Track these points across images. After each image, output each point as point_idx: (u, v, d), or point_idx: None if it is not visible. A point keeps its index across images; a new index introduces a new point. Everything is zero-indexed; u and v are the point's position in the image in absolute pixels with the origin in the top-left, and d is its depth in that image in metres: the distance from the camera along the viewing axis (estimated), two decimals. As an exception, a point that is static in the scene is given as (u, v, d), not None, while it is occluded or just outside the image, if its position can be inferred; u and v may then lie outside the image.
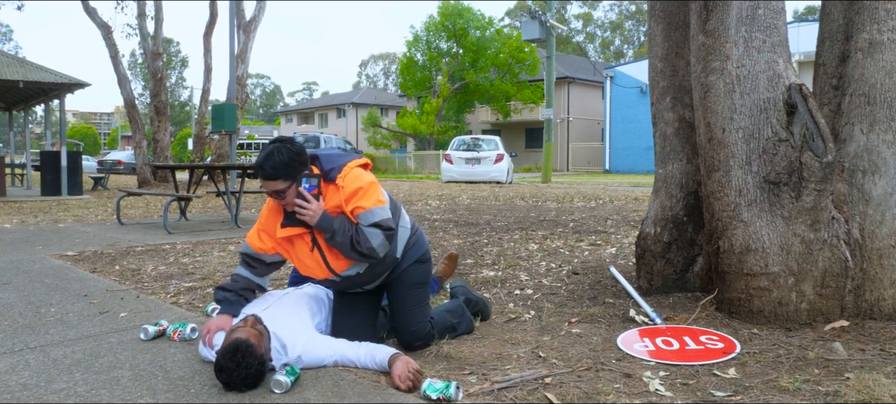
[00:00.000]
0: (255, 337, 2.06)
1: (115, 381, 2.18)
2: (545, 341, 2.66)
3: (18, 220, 7.82)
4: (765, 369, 2.26)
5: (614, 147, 29.48)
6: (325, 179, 2.33)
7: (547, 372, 2.26)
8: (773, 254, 2.64)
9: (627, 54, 60.96)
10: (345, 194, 2.29)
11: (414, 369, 2.10)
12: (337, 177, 2.31)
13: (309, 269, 2.43)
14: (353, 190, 2.29)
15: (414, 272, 2.53)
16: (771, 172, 2.64)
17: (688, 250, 3.22)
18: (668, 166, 3.31)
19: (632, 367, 2.32)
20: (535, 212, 8.53)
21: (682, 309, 3.03)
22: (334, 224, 2.29)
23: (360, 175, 2.34)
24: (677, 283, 3.24)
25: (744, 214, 2.70)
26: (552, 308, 3.19)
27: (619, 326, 2.85)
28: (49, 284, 3.85)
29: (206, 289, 3.73)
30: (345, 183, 2.30)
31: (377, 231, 2.30)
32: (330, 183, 2.33)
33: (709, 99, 2.80)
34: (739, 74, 2.70)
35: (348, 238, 2.29)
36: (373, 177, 2.39)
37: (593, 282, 3.76)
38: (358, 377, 2.19)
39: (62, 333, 2.77)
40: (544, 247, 5.27)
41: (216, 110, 12.45)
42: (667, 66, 3.36)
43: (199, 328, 2.64)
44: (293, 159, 2.24)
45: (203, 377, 2.20)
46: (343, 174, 2.32)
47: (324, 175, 2.34)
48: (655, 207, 3.32)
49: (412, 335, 2.48)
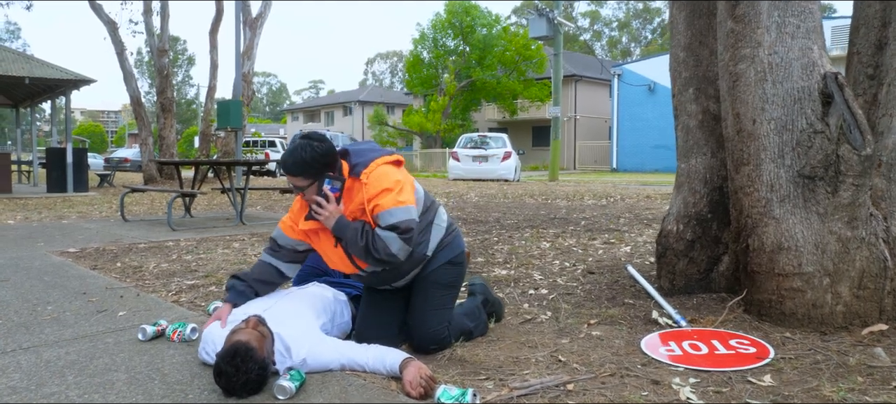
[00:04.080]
0: (257, 340, 1.92)
1: (109, 385, 2.05)
2: (564, 344, 2.51)
3: (22, 217, 7.73)
4: (803, 376, 2.10)
5: (622, 145, 29.22)
6: (351, 174, 2.24)
7: (568, 378, 2.12)
8: (807, 253, 2.49)
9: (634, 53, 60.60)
10: (367, 193, 2.19)
11: (426, 375, 1.96)
12: (362, 173, 2.21)
13: (334, 263, 2.37)
14: (376, 189, 2.19)
15: (443, 272, 2.40)
16: (805, 166, 2.48)
17: (712, 249, 3.07)
18: (692, 160, 3.15)
19: (659, 373, 2.17)
20: (545, 209, 8.37)
21: (707, 310, 2.88)
22: (347, 232, 2.21)
23: (386, 173, 2.22)
24: (701, 284, 3.08)
25: (776, 210, 2.54)
26: (569, 309, 3.04)
27: (641, 328, 2.70)
28: (48, 281, 3.73)
29: (208, 287, 3.60)
30: (369, 180, 2.20)
31: (393, 235, 2.18)
32: (355, 179, 2.22)
33: (738, 88, 2.64)
34: (772, 62, 2.55)
35: (362, 247, 2.19)
36: (401, 175, 2.27)
37: (610, 282, 3.60)
38: (367, 382, 2.05)
39: (57, 333, 2.64)
40: (556, 245, 5.12)
41: (222, 107, 12.34)
42: (689, 56, 3.20)
43: (200, 328, 2.50)
44: (317, 159, 2.18)
45: (202, 381, 2.07)
46: (369, 170, 2.21)
47: (350, 169, 2.24)
48: (678, 203, 3.16)
49: (428, 337, 2.34)
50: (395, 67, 75.20)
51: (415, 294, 2.42)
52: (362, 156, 2.26)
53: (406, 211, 2.19)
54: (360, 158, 2.26)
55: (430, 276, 2.39)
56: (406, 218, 2.18)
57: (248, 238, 5.70)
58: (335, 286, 2.65)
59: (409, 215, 2.20)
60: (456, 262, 2.45)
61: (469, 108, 33.71)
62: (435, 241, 2.38)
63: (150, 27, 16.34)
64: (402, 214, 2.18)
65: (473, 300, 2.70)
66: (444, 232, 2.42)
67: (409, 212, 2.20)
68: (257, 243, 5.37)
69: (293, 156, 2.18)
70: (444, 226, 2.44)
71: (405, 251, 2.22)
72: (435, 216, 2.40)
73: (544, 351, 2.43)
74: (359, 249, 2.21)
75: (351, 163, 2.26)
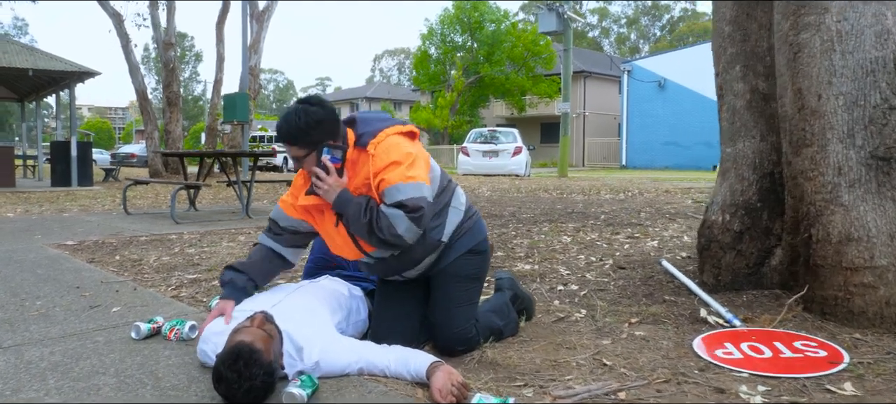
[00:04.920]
0: (263, 340, 1.66)
1: (95, 390, 1.79)
2: (606, 345, 2.24)
3: (23, 210, 7.52)
4: (890, 384, 1.83)
5: (631, 142, 28.84)
6: (357, 144, 1.97)
7: (618, 384, 1.85)
8: (880, 245, 2.21)
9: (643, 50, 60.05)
10: (374, 165, 1.92)
11: (458, 382, 1.69)
12: (369, 143, 1.94)
13: (338, 247, 2.09)
14: (383, 162, 1.91)
15: (464, 264, 2.11)
16: (879, 146, 2.20)
17: (762, 240, 2.79)
18: (739, 144, 2.87)
19: (721, 379, 1.90)
20: (562, 204, 8.09)
21: (760, 308, 2.60)
22: (349, 208, 1.94)
23: (396, 144, 1.95)
24: (750, 279, 2.80)
25: (844, 197, 2.26)
26: (605, 306, 2.77)
27: (688, 328, 2.43)
28: (40, 275, 3.50)
29: (211, 281, 3.35)
30: (376, 151, 1.93)
31: (401, 213, 1.89)
32: (361, 149, 1.96)
33: (800, 60, 2.36)
34: (841, 30, 2.27)
35: (365, 224, 1.91)
36: (414, 148, 2.00)
37: (644, 277, 3.33)
38: (389, 389, 1.79)
39: (43, 330, 2.40)
40: (578, 239, 4.85)
41: (228, 100, 12.12)
42: (736, 31, 2.92)
43: (200, 326, 2.24)
44: (312, 127, 1.92)
45: (201, 386, 1.81)
46: (377, 140, 1.94)
47: (356, 139, 1.97)
48: (723, 192, 2.89)
49: (453, 337, 2.08)
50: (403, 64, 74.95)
51: (435, 288, 2.15)
52: (370, 126, 1.99)
53: (416, 187, 1.91)
54: (368, 127, 1.99)
55: (449, 269, 2.11)
56: (415, 195, 1.90)
57: (254, 231, 5.45)
58: (349, 280, 2.39)
59: (420, 193, 1.91)
60: (478, 251, 2.16)
61: (477, 105, 33.39)
62: (452, 226, 2.09)
63: (156, 20, 16.14)
64: (412, 191, 1.90)
65: (501, 296, 2.43)
66: (462, 215, 2.13)
67: (419, 189, 1.91)
68: (264, 236, 5.12)
69: (288, 121, 1.93)
70: (463, 209, 2.15)
71: (413, 233, 1.93)
72: (452, 197, 2.12)
73: (585, 353, 2.16)
74: (361, 227, 1.93)
75: (357, 132, 2.00)
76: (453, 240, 2.10)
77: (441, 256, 2.10)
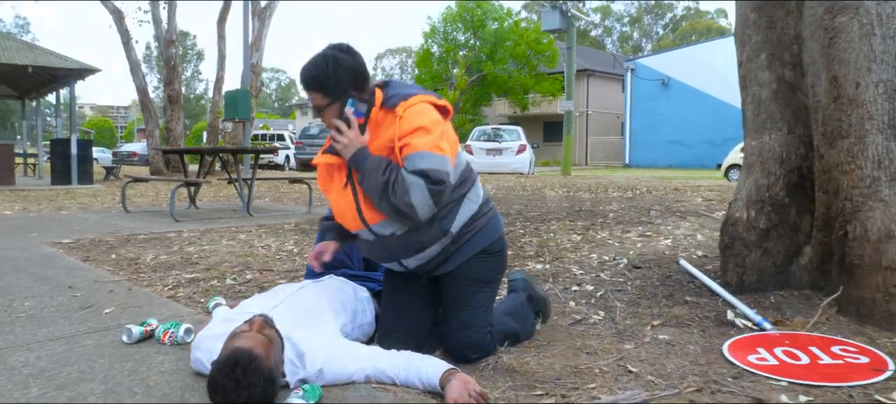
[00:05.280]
0: (263, 346, 1.51)
1: (81, 399, 1.66)
2: (629, 350, 2.10)
3: (20, 208, 7.40)
4: (943, 394, 1.68)
5: (635, 141, 28.67)
6: (384, 105, 1.83)
7: (647, 393, 1.71)
8: (923, 243, 2.06)
9: (646, 49, 59.81)
10: (400, 128, 1.77)
11: (476, 391, 1.55)
12: (399, 104, 1.80)
13: (341, 212, 1.95)
14: (412, 125, 1.77)
15: (479, 266, 1.97)
16: (923, 137, 2.06)
17: (791, 238, 2.64)
18: (764, 137, 2.72)
19: (758, 388, 1.75)
20: (569, 202, 7.94)
21: (790, 310, 2.46)
22: (367, 163, 1.78)
23: (426, 111, 1.82)
24: (777, 279, 2.66)
25: (884, 191, 2.12)
26: (624, 307, 2.63)
27: (715, 331, 2.29)
28: (33, 274, 3.36)
29: (209, 281, 3.21)
30: (404, 114, 1.78)
31: (421, 182, 1.73)
32: (389, 111, 1.82)
33: (836, 46, 2.21)
34: (881, 12, 2.12)
35: (382, 182, 1.75)
36: (443, 120, 1.86)
37: (662, 277, 3.18)
38: (398, 398, 1.65)
39: (30, 333, 2.26)
40: (588, 238, 4.70)
41: (229, 97, 11.97)
42: (761, 17, 2.77)
43: (195, 328, 2.10)
44: (340, 73, 1.79)
45: (196, 395, 1.67)
46: (408, 103, 1.80)
47: (385, 99, 1.83)
48: (748, 187, 2.74)
49: (467, 344, 1.93)
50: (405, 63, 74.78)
51: (446, 292, 2.01)
52: (403, 89, 1.87)
53: (442, 160, 1.76)
54: (401, 90, 1.86)
55: (461, 272, 1.96)
56: (440, 167, 1.75)
57: (255, 229, 5.32)
58: (355, 279, 2.25)
59: (445, 166, 1.76)
60: (492, 251, 2.02)
61: (480, 103, 33.23)
62: (463, 218, 1.92)
63: (158, 17, 16.01)
64: (437, 162, 1.75)
65: (516, 297, 2.29)
66: (476, 208, 1.96)
67: (444, 162, 1.77)
68: (264, 235, 4.98)
69: (315, 65, 1.79)
70: (479, 202, 1.98)
71: (428, 208, 1.77)
72: (470, 189, 1.96)
73: (607, 358, 2.02)
74: (377, 186, 1.77)
75: (387, 93, 1.87)
76: (463, 235, 1.94)
77: (450, 255, 1.95)
